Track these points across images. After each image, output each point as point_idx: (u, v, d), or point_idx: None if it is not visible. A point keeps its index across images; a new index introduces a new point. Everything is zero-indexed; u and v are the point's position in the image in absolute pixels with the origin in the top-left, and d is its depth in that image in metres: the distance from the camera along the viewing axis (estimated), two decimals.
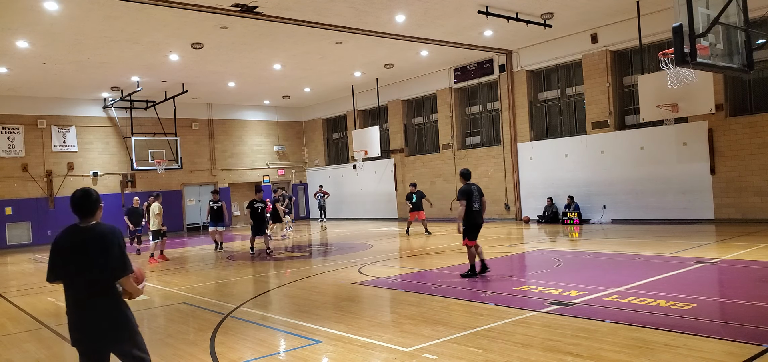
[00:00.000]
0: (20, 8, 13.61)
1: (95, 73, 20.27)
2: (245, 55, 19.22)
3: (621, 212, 18.35)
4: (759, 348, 5.15)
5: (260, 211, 15.97)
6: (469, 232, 9.60)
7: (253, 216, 15.97)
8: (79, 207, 3.92)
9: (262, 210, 16.02)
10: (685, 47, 7.03)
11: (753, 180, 15.81)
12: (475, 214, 9.60)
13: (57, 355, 6.67)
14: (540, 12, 16.46)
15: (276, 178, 30.91)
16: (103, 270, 3.80)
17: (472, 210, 9.55)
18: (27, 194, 23.51)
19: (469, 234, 9.61)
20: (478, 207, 9.66)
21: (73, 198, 3.92)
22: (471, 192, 9.61)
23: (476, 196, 9.66)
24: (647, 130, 17.62)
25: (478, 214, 9.66)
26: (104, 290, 3.84)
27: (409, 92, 25.68)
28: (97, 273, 3.80)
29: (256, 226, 15.98)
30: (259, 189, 16.80)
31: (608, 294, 7.79)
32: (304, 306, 8.51)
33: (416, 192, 18.68)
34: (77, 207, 3.91)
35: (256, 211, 15.91)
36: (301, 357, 5.92)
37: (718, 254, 10.78)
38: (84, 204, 3.91)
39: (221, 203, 17.52)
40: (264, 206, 16.28)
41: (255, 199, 16.16)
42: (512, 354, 5.44)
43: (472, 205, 9.55)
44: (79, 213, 3.93)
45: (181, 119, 26.41)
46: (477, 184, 9.90)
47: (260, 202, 16.10)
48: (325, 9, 14.76)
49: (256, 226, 15.97)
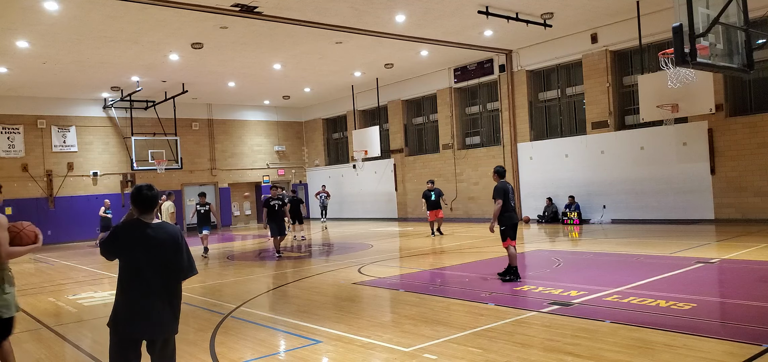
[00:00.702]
0: (20, 8, 13.61)
1: (95, 73, 20.27)
2: (245, 55, 19.22)
3: (621, 212, 18.35)
4: (759, 348, 5.15)
5: (278, 209, 14.57)
6: (509, 232, 9.22)
7: (271, 216, 14.52)
8: (147, 202, 4.08)
9: (279, 207, 14.62)
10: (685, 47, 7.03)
11: (753, 180, 15.81)
12: (512, 212, 9.29)
13: (57, 355, 6.67)
14: (540, 12, 16.46)
15: (276, 178, 30.91)
16: (178, 269, 4.12)
17: (509, 208, 9.20)
18: (27, 194, 23.51)
19: (510, 233, 9.23)
20: (513, 206, 9.37)
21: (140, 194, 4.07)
22: (507, 190, 9.23)
23: (512, 194, 9.34)
24: (647, 130, 17.62)
25: (514, 212, 9.38)
26: (174, 285, 4.13)
27: (409, 92, 25.68)
28: (172, 270, 4.09)
29: (275, 226, 14.52)
30: (274, 185, 15.53)
31: (608, 294, 7.79)
32: (304, 306, 8.52)
33: (434, 190, 17.64)
34: (145, 201, 4.07)
35: (274, 209, 14.51)
36: (301, 357, 5.92)
37: (718, 254, 10.78)
38: (151, 200, 4.09)
39: (209, 206, 16.20)
40: (282, 203, 14.86)
41: (271, 197, 14.71)
42: (512, 354, 5.44)
43: (509, 203, 9.19)
44: (146, 207, 4.10)
45: (181, 119, 26.41)
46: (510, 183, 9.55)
47: (277, 200, 14.66)
48: (325, 9, 14.76)
49: (277, 226, 14.54)
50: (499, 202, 9.13)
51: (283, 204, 14.89)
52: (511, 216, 9.23)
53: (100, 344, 7.05)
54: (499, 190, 9.20)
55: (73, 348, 6.91)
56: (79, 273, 14.07)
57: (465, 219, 22.85)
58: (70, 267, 15.29)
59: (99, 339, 7.36)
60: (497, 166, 9.64)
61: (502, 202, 9.13)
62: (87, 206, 24.92)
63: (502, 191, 9.17)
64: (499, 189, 9.21)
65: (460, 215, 23.46)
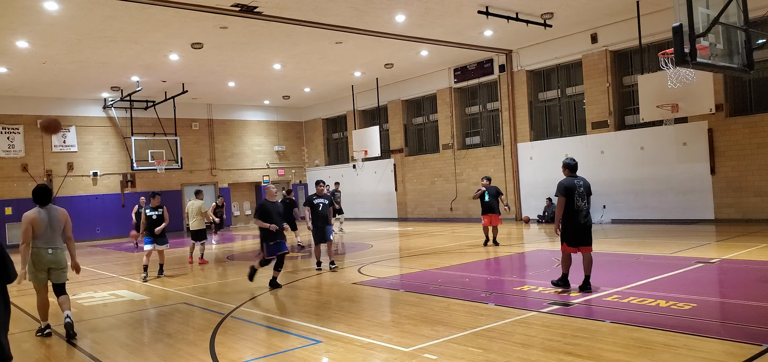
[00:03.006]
0: (20, 8, 13.61)
1: (95, 73, 20.26)
2: (245, 55, 19.21)
3: (621, 212, 18.34)
4: (759, 348, 5.15)
5: (322, 209, 11.73)
6: (567, 236, 8.10)
7: (315, 218, 11.72)
8: None
9: (324, 207, 11.76)
10: (685, 47, 7.03)
11: (753, 180, 15.81)
12: (575, 214, 8.01)
13: (57, 355, 6.67)
14: (540, 12, 16.46)
15: (276, 178, 30.91)
16: None
17: (572, 208, 8.01)
18: (27, 194, 23.45)
19: (569, 238, 8.09)
20: (582, 206, 8.04)
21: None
22: (573, 187, 8.00)
23: (581, 193, 8.06)
24: (647, 130, 17.61)
25: (580, 215, 8.05)
26: None
27: (409, 92, 25.67)
28: None
29: (319, 232, 11.68)
30: (320, 181, 12.19)
31: (608, 294, 7.79)
32: (304, 306, 8.52)
33: (490, 189, 14.36)
34: None
35: (318, 209, 11.71)
36: (301, 357, 5.92)
37: (718, 254, 10.77)
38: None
39: (162, 210, 12.34)
40: (328, 203, 11.94)
41: (315, 194, 11.91)
42: (512, 354, 5.44)
43: (573, 203, 7.99)
44: None
45: (181, 119, 26.41)
46: (584, 179, 8.25)
47: (322, 198, 11.83)
48: (325, 9, 14.76)
49: (320, 231, 11.69)
50: (561, 201, 8.04)
51: (329, 203, 12.13)
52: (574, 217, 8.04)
53: (100, 344, 7.06)
54: (563, 187, 8.06)
55: (73, 348, 6.90)
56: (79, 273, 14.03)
57: (465, 220, 22.85)
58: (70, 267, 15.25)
59: (99, 339, 7.36)
60: (568, 158, 8.53)
61: (564, 201, 8.02)
62: (87, 206, 24.93)
63: (567, 188, 8.02)
64: (563, 185, 8.07)
65: (460, 215, 23.46)
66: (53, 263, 7.16)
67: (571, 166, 8.29)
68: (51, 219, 7.20)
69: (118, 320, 8.47)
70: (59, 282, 7.29)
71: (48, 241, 7.13)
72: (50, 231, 7.15)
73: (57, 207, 7.49)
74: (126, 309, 9.07)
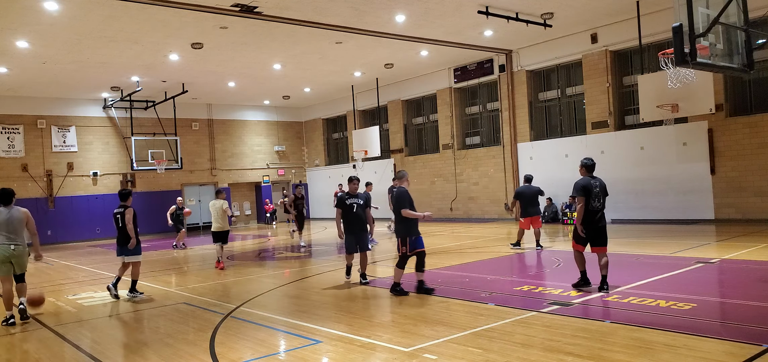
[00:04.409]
0: (20, 8, 13.61)
1: (95, 73, 20.27)
2: (245, 55, 19.22)
3: (621, 212, 18.34)
4: (759, 348, 5.15)
5: (356, 209, 9.86)
6: (580, 236, 8.10)
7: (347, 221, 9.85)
8: None
9: (358, 208, 9.87)
10: (685, 47, 7.02)
11: (753, 180, 15.81)
12: (590, 214, 7.97)
13: (57, 355, 6.66)
14: (540, 12, 16.46)
15: (276, 178, 30.91)
16: None
17: (588, 209, 7.96)
18: (27, 194, 23.49)
19: (579, 237, 8.11)
20: (598, 206, 7.99)
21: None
22: (590, 187, 7.93)
23: (597, 193, 7.99)
24: (647, 130, 17.61)
25: (595, 215, 8.00)
26: None
27: (409, 92, 25.68)
28: None
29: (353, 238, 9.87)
30: (353, 178, 10.19)
31: (608, 294, 7.79)
32: (304, 306, 8.51)
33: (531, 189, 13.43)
34: None
35: (351, 210, 9.83)
36: (301, 357, 5.92)
37: (718, 254, 10.77)
38: None
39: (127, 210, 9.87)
40: (364, 204, 10.01)
41: (347, 193, 9.99)
42: (512, 354, 5.44)
43: (588, 204, 7.95)
44: None
45: (181, 119, 26.41)
46: (600, 179, 8.22)
47: (354, 198, 9.91)
48: (325, 9, 14.76)
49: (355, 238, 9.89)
50: (581, 201, 7.95)
51: (366, 204, 10.13)
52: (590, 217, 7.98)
53: (100, 344, 7.06)
54: (580, 187, 7.97)
55: (73, 348, 6.90)
56: (79, 273, 14.06)
57: (465, 220, 22.85)
58: (70, 268, 15.29)
59: (99, 339, 7.36)
60: (586, 158, 8.37)
61: (584, 201, 7.93)
62: (87, 206, 24.94)
63: (585, 189, 7.94)
64: (581, 185, 7.99)
65: (460, 215, 23.46)
66: (15, 256, 8.29)
67: (589, 166, 8.23)
68: (12, 218, 8.37)
69: (118, 320, 8.48)
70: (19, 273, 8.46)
71: (10, 237, 8.27)
72: (12, 228, 8.32)
73: (18, 207, 8.66)
74: (126, 309, 9.08)
